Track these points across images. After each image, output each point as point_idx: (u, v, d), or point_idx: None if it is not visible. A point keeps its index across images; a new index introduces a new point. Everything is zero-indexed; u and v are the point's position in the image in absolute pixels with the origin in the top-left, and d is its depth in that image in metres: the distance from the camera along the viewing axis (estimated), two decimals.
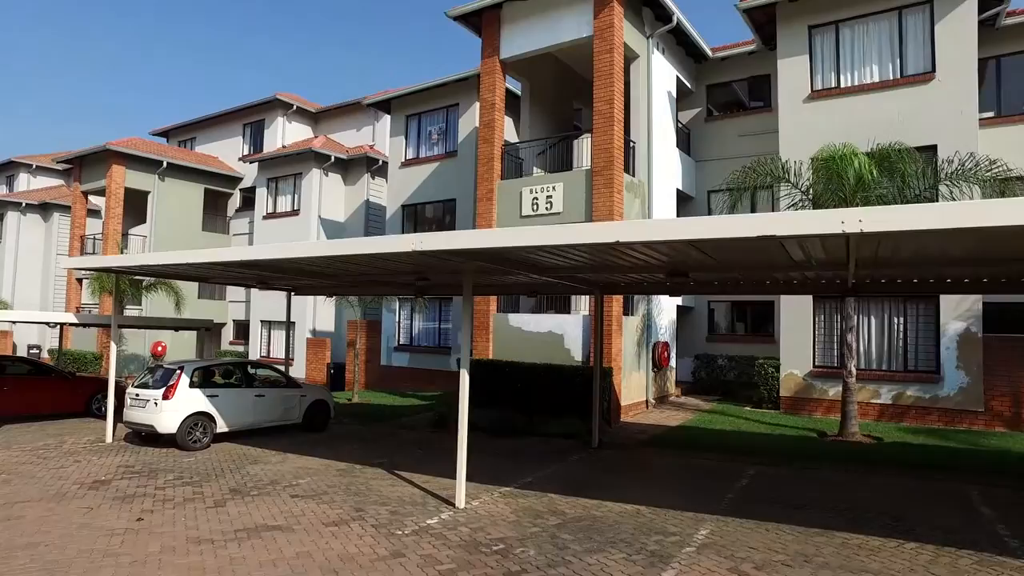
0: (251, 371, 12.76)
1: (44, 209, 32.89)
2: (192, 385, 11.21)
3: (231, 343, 29.56)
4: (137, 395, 11.16)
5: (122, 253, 23.00)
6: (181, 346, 26.74)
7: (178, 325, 15.95)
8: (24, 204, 32.28)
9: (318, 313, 25.02)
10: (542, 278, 10.29)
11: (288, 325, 15.78)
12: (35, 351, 29.85)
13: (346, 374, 22.63)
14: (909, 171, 11.54)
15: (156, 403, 10.83)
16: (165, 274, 12.07)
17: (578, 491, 8.45)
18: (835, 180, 11.39)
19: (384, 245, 7.18)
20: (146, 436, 11.46)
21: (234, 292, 29.71)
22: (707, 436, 12.47)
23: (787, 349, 15.01)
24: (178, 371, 11.17)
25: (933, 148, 13.18)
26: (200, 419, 11.11)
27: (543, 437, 12.41)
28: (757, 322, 18.47)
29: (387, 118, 26.75)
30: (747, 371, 17.57)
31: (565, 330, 14.37)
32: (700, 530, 6.80)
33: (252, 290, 27.17)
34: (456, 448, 7.84)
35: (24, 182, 35.90)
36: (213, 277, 12.71)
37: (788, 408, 14.86)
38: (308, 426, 13.00)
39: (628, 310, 15.06)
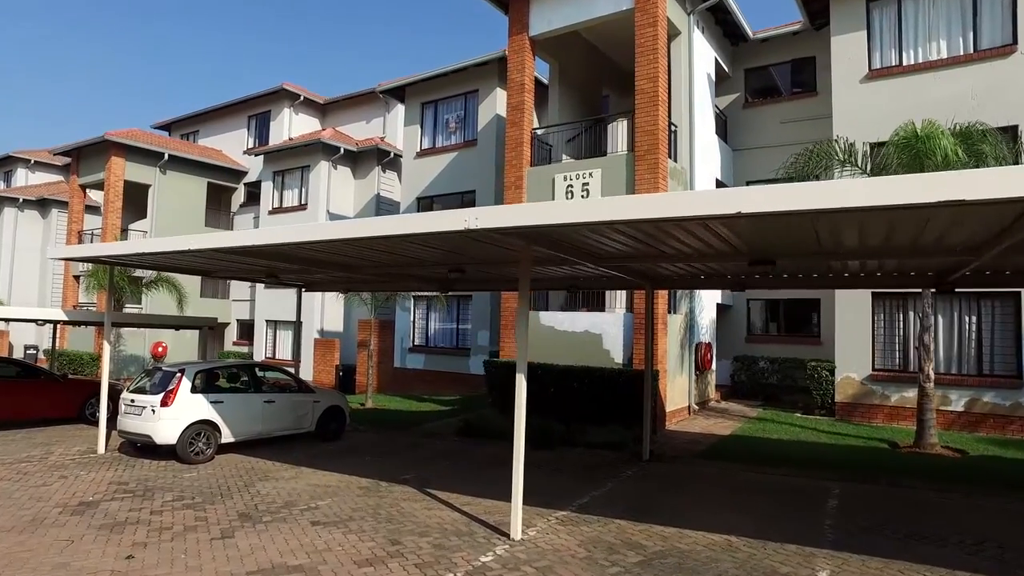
0: (259, 374, 11.52)
1: (42, 205, 31.74)
2: (194, 390, 9.98)
3: (235, 344, 28.37)
4: (132, 401, 9.92)
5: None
6: (183, 347, 25.52)
7: (179, 324, 14.67)
8: (21, 200, 31.13)
9: (326, 312, 23.81)
10: (594, 269, 9.06)
11: (298, 324, 14.55)
12: (32, 351, 28.63)
13: (356, 377, 21.42)
14: (994, 153, 10.31)
15: (153, 410, 9.59)
16: (163, 265, 10.86)
17: (647, 515, 7.20)
18: (917, 161, 10.14)
19: (428, 223, 5.94)
20: (143, 447, 10.23)
21: (238, 291, 28.52)
22: (766, 447, 11.21)
23: (842, 350, 13.74)
24: (178, 374, 9.93)
25: (1014, 129, 11.91)
26: (203, 428, 9.88)
27: (586, 448, 11.15)
28: (800, 321, 17.20)
29: (398, 109, 25.61)
30: (791, 374, 16.33)
31: (604, 329, 13.12)
32: (818, 571, 5.54)
33: (257, 289, 25.99)
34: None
35: (22, 178, 34.75)
36: (218, 270, 11.50)
37: (843, 415, 13.59)
38: (322, 435, 11.77)
39: (670, 307, 13.81)
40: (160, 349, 25.12)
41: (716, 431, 12.74)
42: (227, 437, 10.26)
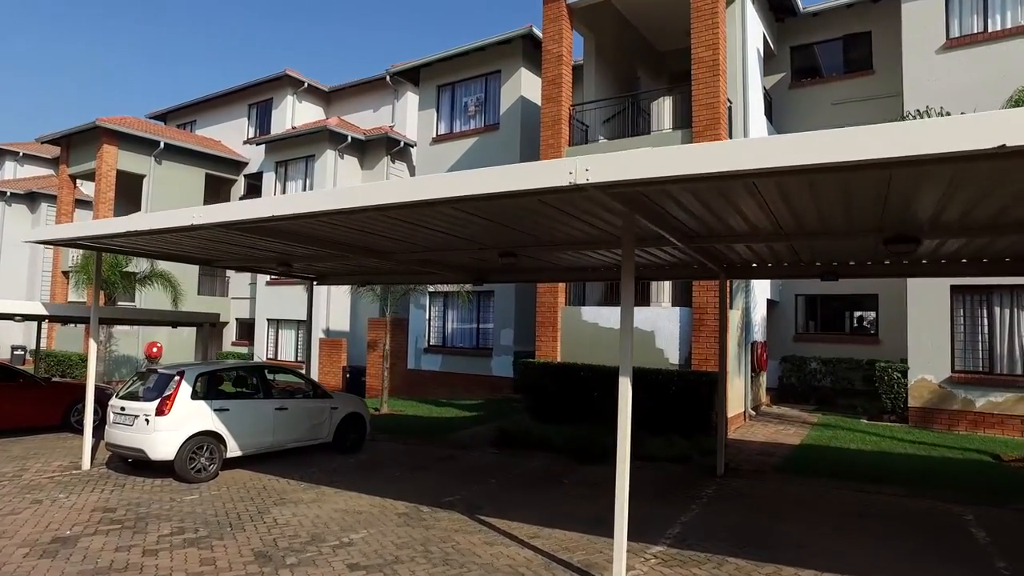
0: (269, 377, 10.06)
1: (31, 199, 30.15)
2: (195, 396, 8.51)
3: (234, 344, 26.86)
4: (122, 409, 8.44)
5: None
6: (179, 347, 24.01)
7: (176, 320, 13.11)
8: (9, 193, 29.54)
9: (332, 310, 22.35)
10: (673, 253, 7.66)
11: (309, 322, 13.08)
12: (19, 352, 27.02)
13: (366, 379, 19.95)
14: None
15: (147, 420, 8.11)
16: (160, 251, 9.36)
17: (765, 551, 5.79)
18: None
19: (515, 178, 4.49)
20: (135, 461, 8.75)
21: (237, 288, 27.02)
22: (848, 459, 9.79)
23: (917, 350, 12.35)
24: (177, 377, 8.46)
25: None
26: (206, 441, 8.41)
27: (645, 462, 9.71)
28: (856, 319, 15.81)
29: (408, 97, 24.20)
30: (847, 376, 14.97)
31: (656, 325, 11.69)
32: None
33: (258, 286, 24.51)
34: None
35: (10, 171, 33.12)
36: (223, 257, 10.03)
37: (920, 421, 12.19)
38: (340, 446, 10.32)
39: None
40: (155, 350, 23.59)
41: (782, 439, 11.32)
42: (233, 450, 8.79)
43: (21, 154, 33.19)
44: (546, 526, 6.63)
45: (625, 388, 5.18)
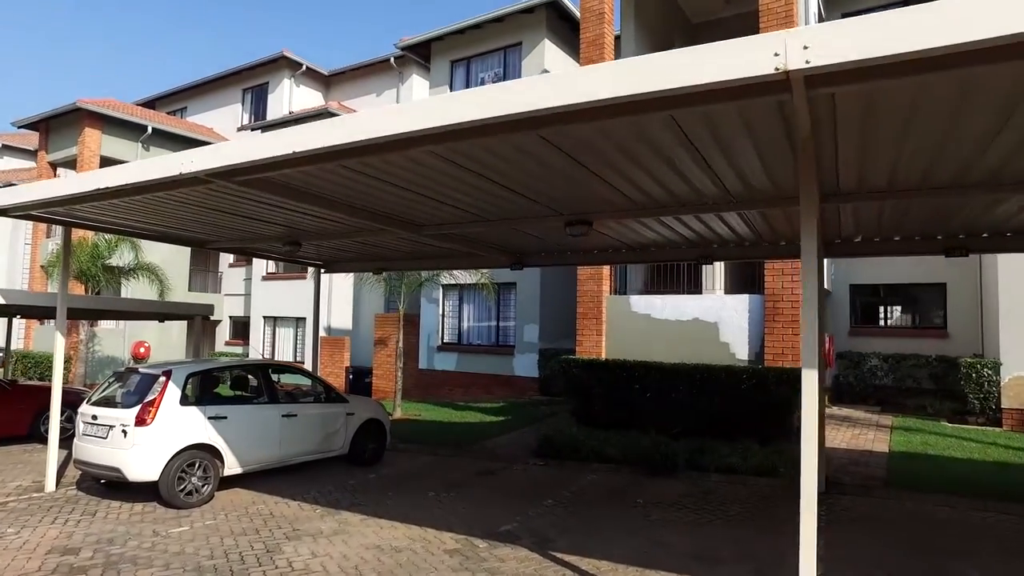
0: (274, 378, 8.45)
1: None
2: (185, 401, 6.91)
3: (228, 343, 25.16)
4: (94, 418, 6.81)
5: (100, 237, 18.61)
6: (169, 347, 22.33)
7: (163, 313, 11.30)
8: None
9: (334, 306, 20.73)
10: (752, 224, 6.13)
11: (316, 315, 11.47)
12: None
13: (372, 380, 18.36)
14: None
15: (125, 431, 6.50)
16: (137, 226, 7.70)
17: None
18: None
19: (697, 65, 2.90)
20: (111, 482, 7.13)
21: (231, 284, 25.35)
22: (959, 470, 8.27)
23: (1010, 344, 10.87)
24: (162, 378, 6.84)
25: None
26: (198, 457, 6.80)
27: (723, 474, 8.17)
28: (921, 310, 14.35)
29: (413, 80, 22.64)
30: (913, 374, 13.50)
31: (721, 316, 10.16)
32: None
33: (253, 281, 22.86)
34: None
35: None
36: (215, 236, 8.42)
37: (1016, 424, 10.71)
38: (357, 458, 8.75)
39: None
40: (143, 349, 21.89)
41: (866, 446, 9.80)
42: (232, 467, 7.19)
43: (0, 145, 31.36)
44: (646, 566, 5.07)
45: (810, 390, 3.59)
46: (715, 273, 11.66)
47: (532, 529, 6.07)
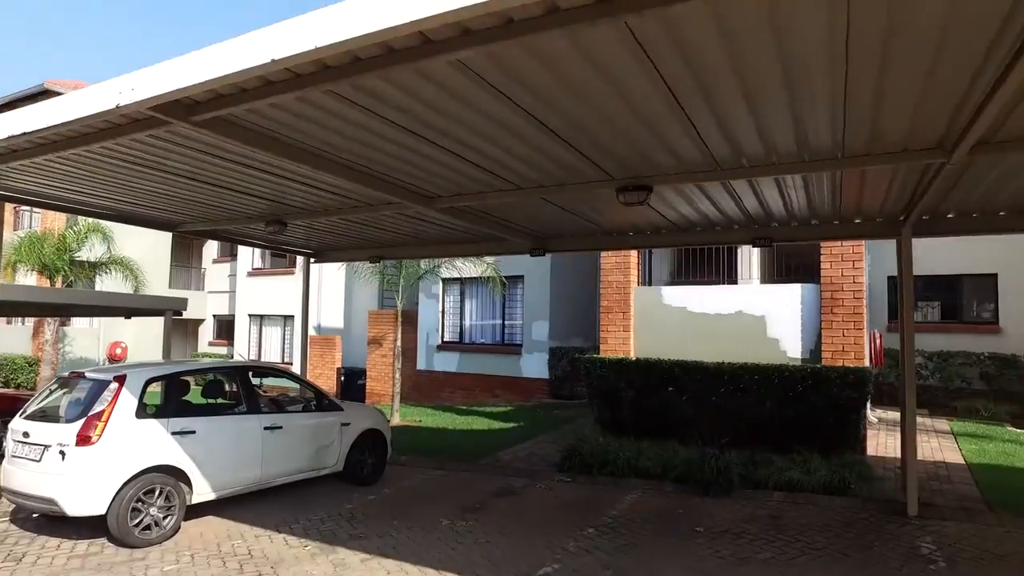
0: (255, 382, 7.14)
1: None
2: (144, 413, 5.59)
3: (211, 344, 23.77)
4: (26, 435, 5.46)
5: (69, 228, 17.19)
6: (151, 347, 20.88)
7: (127, 307, 9.58)
8: None
9: (324, 303, 19.38)
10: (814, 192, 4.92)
11: (305, 311, 10.16)
12: None
13: (366, 382, 17.04)
14: None
15: (63, 453, 5.16)
16: (79, 195, 6.32)
17: None
18: None
19: None
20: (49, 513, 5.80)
21: (215, 280, 23.94)
22: None
23: None
24: (114, 384, 5.51)
25: None
26: (159, 482, 5.48)
27: (787, 492, 6.95)
28: (969, 304, 13.24)
29: None
30: (961, 373, 12.40)
31: (768, 309, 8.94)
32: None
33: (238, 277, 21.46)
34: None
35: None
36: (185, 213, 7.11)
37: None
38: (353, 475, 7.46)
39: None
40: (119, 350, 20.46)
41: (937, 456, 8.62)
42: (203, 493, 5.88)
43: None
44: None
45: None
46: (751, 260, 10.45)
47: (579, 572, 4.82)
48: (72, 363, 19.01)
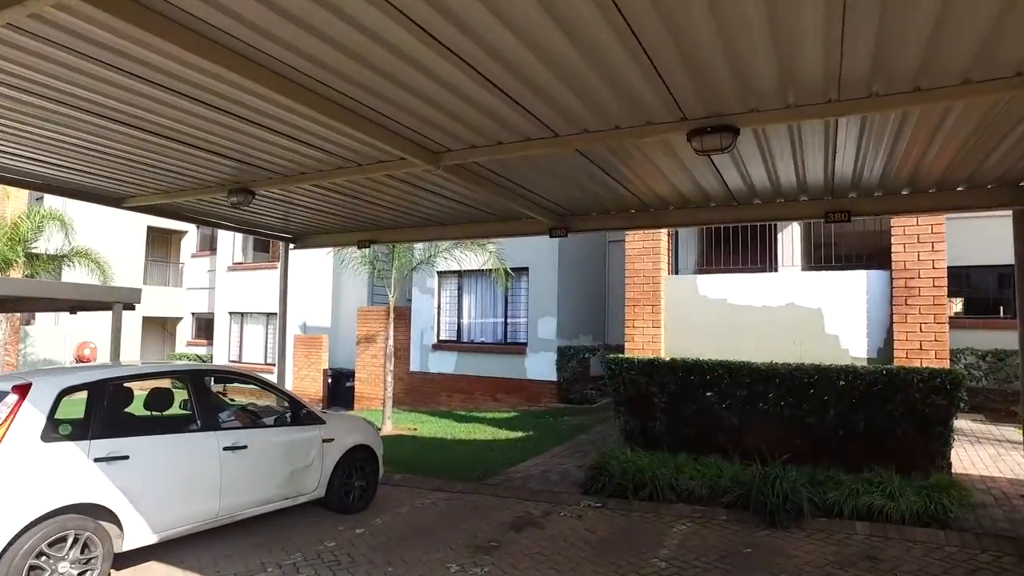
0: (214, 390, 5.78)
1: None
2: (54, 434, 4.22)
3: (189, 344, 22.29)
4: None
5: (21, 217, 15.66)
6: (124, 346, 19.33)
7: (69, 300, 7.77)
8: None
9: (310, 299, 17.97)
10: None
11: (282, 306, 8.80)
12: None
13: (355, 385, 15.69)
14: None
15: None
16: None
17: None
18: None
19: None
20: None
21: (194, 276, 22.48)
22: None
23: None
24: (12, 396, 4.14)
25: None
26: (74, 527, 4.12)
27: (869, 522, 5.66)
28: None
29: None
30: (1017, 373, 11.10)
31: (825, 300, 7.64)
32: None
33: (218, 272, 20.01)
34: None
35: None
36: (128, 187, 5.75)
37: None
38: (338, 502, 6.15)
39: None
40: (87, 351, 18.92)
41: (1017, 474, 7.38)
42: (138, 536, 4.51)
43: None
44: None
45: None
46: (792, 244, 9.17)
47: None
48: (33, 365, 17.49)
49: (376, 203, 6.46)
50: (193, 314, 22.60)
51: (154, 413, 5.27)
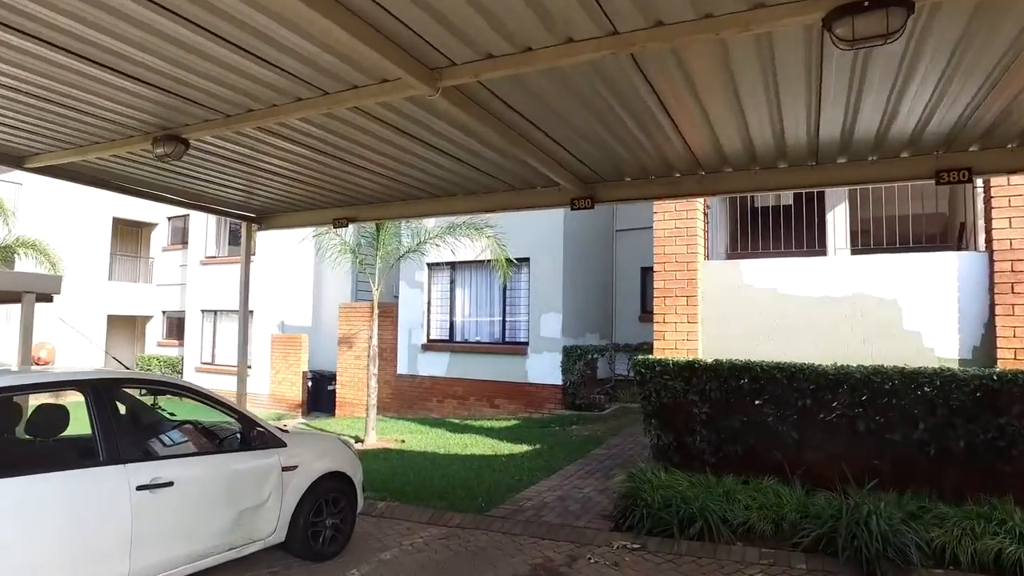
0: (126, 403, 4.35)
1: None
2: None
3: (160, 344, 20.72)
4: None
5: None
6: (89, 347, 17.72)
7: None
8: None
9: (288, 295, 16.49)
10: None
11: (244, 298, 7.35)
12: None
13: (336, 389, 14.26)
14: None
15: None
16: None
17: None
18: None
19: None
20: None
21: (165, 272, 20.90)
22: None
23: None
24: None
25: None
26: None
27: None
28: None
29: None
30: None
31: (901, 290, 6.29)
32: None
33: (190, 266, 18.49)
34: None
35: None
36: (30, 143, 4.30)
37: None
38: (303, 547, 4.72)
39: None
40: (44, 353, 17.26)
41: None
42: None
43: None
44: None
45: None
46: (835, 223, 7.84)
47: None
48: None
49: (354, 164, 5.05)
50: (164, 312, 21.00)
51: (37, 439, 3.81)
